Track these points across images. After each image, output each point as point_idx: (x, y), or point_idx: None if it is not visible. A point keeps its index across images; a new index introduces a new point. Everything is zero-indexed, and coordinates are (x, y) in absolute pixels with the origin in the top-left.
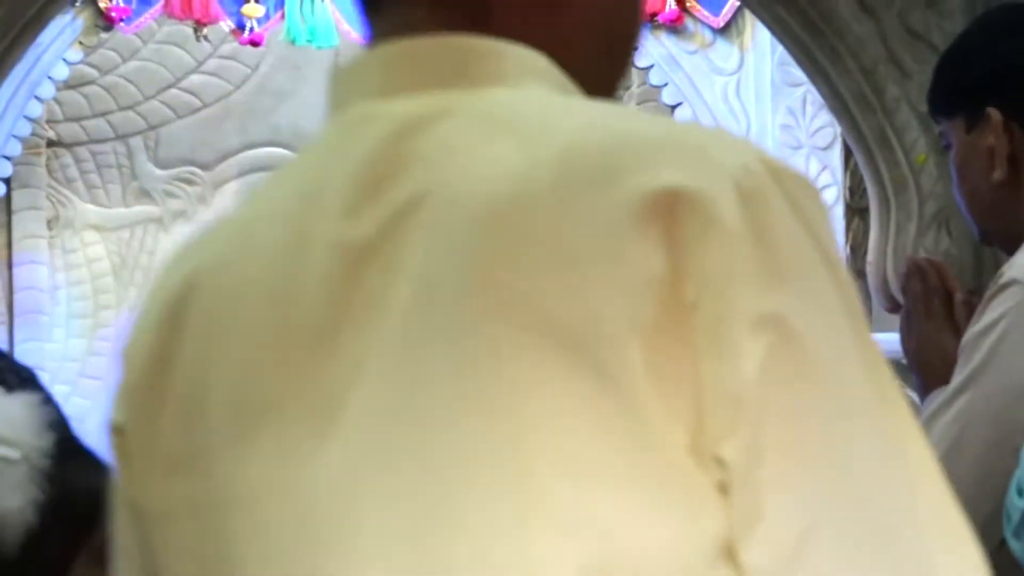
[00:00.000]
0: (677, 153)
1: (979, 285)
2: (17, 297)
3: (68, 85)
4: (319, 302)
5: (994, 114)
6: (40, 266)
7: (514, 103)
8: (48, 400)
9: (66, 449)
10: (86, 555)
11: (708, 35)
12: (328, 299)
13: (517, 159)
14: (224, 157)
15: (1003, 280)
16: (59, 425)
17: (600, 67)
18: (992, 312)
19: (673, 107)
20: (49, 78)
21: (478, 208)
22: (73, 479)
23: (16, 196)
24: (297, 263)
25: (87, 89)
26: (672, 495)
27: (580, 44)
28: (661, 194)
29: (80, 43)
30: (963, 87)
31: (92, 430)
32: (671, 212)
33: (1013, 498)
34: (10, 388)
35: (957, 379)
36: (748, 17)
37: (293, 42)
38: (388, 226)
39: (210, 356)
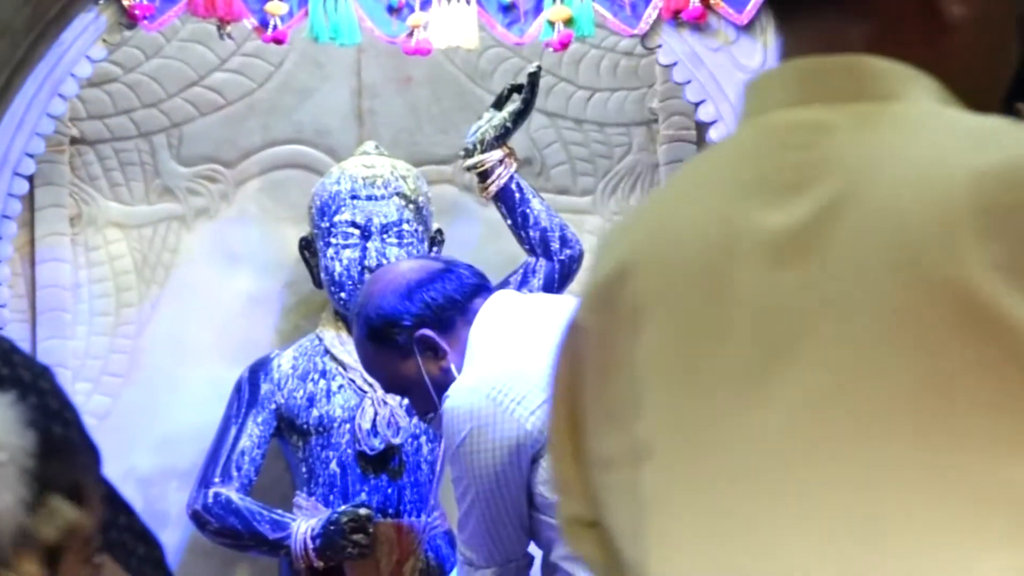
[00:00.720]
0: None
1: None
2: (40, 294)
3: (91, 83)
4: (750, 287)
5: (1022, 109)
6: (63, 263)
7: (913, 117)
8: (55, 396)
9: (49, 447)
10: (72, 553)
11: (732, 32)
12: (757, 284)
13: (928, 169)
14: (247, 155)
15: None
16: (40, 422)
17: (978, 84)
18: None
19: (696, 104)
20: (72, 76)
21: (898, 212)
22: (57, 477)
23: (39, 194)
24: (726, 249)
25: (110, 87)
26: None
27: (959, 64)
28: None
29: (103, 41)
30: None
31: (113, 426)
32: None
33: None
34: (24, 384)
35: None
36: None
37: (316, 40)
38: (812, 220)
39: (643, 329)
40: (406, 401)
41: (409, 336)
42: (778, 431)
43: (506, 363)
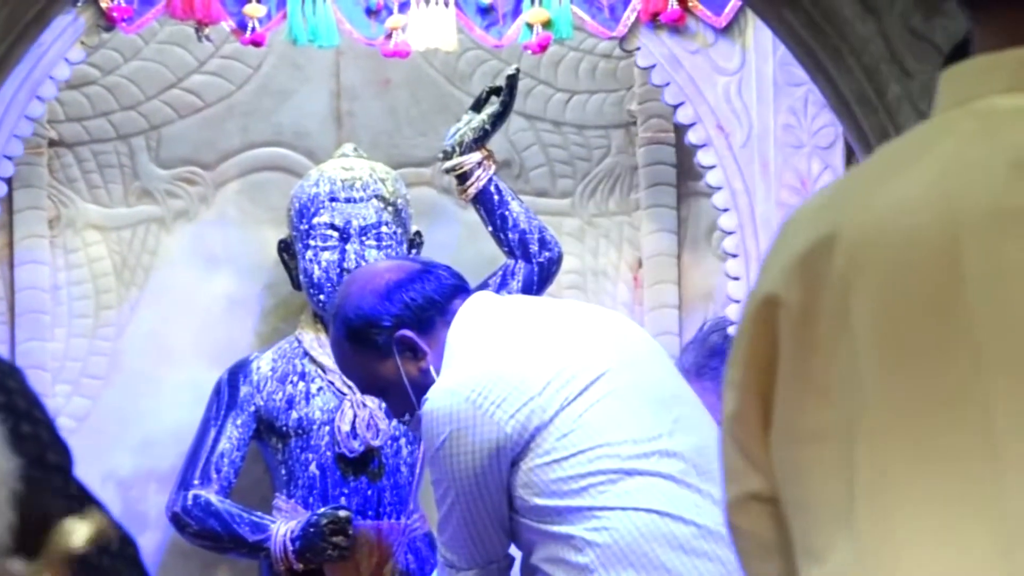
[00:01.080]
0: None
1: None
2: (18, 297)
3: (70, 85)
4: (980, 261)
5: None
6: (42, 266)
7: None
8: (23, 395)
9: (32, 471)
10: None
11: (710, 35)
12: (988, 258)
13: None
14: (226, 157)
15: None
16: (22, 443)
17: None
18: None
19: (675, 107)
20: (51, 78)
21: None
22: (36, 500)
23: (18, 196)
24: (950, 225)
25: (89, 89)
26: None
27: None
28: None
29: (82, 43)
30: None
31: (92, 428)
32: None
33: None
34: None
35: None
36: (750, 16)
37: (295, 42)
38: None
39: (856, 301)
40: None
41: (389, 337)
42: (1018, 403)
43: (486, 365)
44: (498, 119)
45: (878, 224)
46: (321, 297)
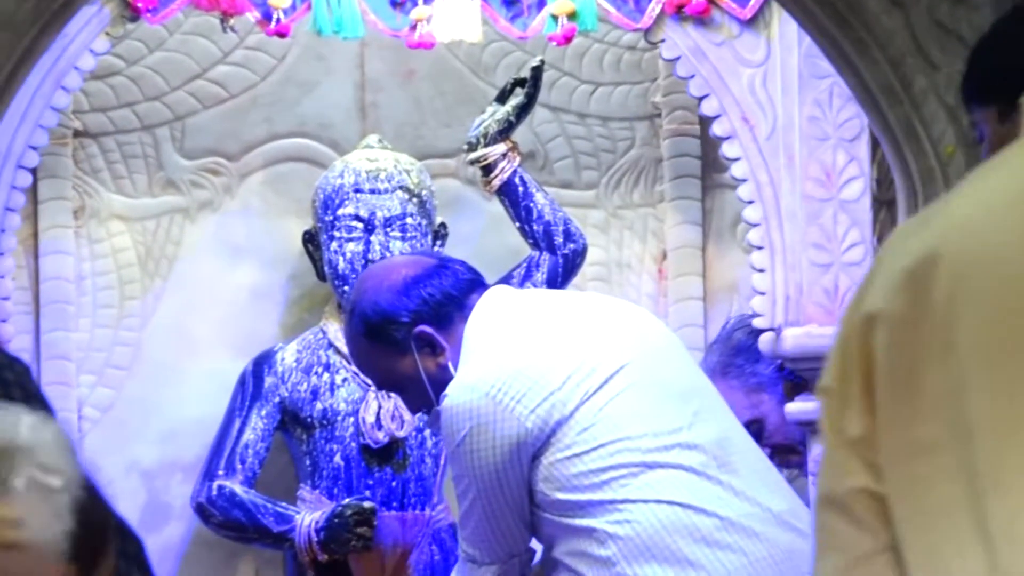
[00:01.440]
0: None
1: None
2: (43, 287)
3: (94, 76)
4: None
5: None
6: (66, 256)
7: None
8: (20, 388)
9: (89, 480)
10: None
11: (735, 27)
12: None
13: None
14: (250, 147)
15: None
16: (79, 452)
17: None
18: None
19: (700, 99)
20: (76, 68)
21: None
22: (94, 509)
23: (42, 186)
24: None
25: (113, 79)
26: None
27: None
28: None
29: (107, 34)
30: (997, 77)
31: (116, 419)
32: None
33: None
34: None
35: None
36: (775, 8)
37: (319, 33)
38: None
39: (960, 316)
40: None
41: (407, 332)
42: None
43: (505, 360)
44: (523, 111)
45: (978, 240)
46: (346, 288)
